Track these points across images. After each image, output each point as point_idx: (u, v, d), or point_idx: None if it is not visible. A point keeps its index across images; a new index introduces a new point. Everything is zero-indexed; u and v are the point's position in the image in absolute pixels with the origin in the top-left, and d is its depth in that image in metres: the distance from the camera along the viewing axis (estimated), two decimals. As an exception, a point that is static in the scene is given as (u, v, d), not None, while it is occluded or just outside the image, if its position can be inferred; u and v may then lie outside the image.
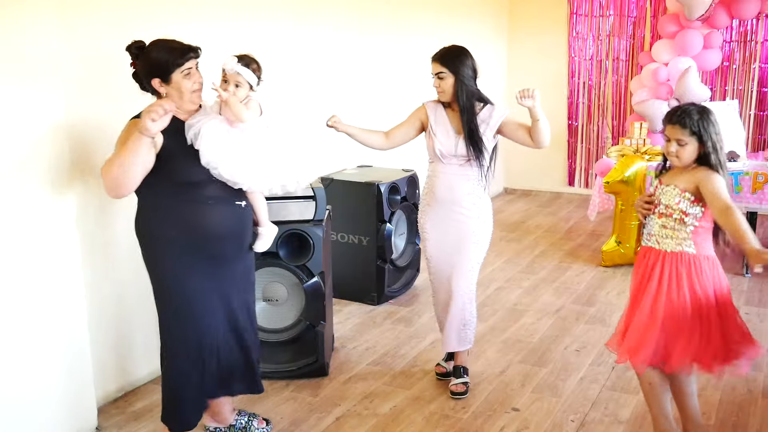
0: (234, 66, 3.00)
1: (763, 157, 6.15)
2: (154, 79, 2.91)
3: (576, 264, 6.13)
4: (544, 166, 8.88)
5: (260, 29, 4.75)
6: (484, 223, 3.78)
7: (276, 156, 3.09)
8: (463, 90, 3.61)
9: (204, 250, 3.02)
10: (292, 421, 3.61)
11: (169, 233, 2.97)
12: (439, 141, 3.69)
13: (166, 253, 3.00)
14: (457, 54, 3.65)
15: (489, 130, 3.67)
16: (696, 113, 2.89)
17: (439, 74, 3.63)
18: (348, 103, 5.85)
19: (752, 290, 5.45)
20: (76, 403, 3.41)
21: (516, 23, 8.82)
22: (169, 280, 3.03)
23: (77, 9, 3.43)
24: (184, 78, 2.92)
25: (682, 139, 2.89)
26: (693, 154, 2.91)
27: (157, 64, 2.89)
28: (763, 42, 7.65)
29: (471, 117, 3.63)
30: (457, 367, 3.96)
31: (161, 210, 2.98)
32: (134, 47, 2.94)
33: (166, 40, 2.94)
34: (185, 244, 2.98)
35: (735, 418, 3.63)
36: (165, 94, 2.93)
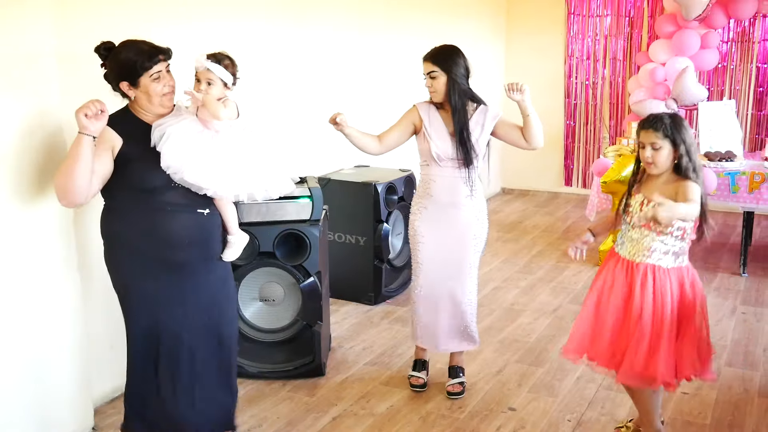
0: (204, 63, 2.92)
1: (760, 156, 6.16)
2: (122, 82, 2.85)
3: (573, 264, 6.13)
4: (542, 166, 8.88)
5: (258, 29, 4.75)
6: (482, 224, 3.77)
7: (252, 161, 2.98)
8: (456, 89, 3.57)
9: (164, 259, 2.94)
10: (289, 421, 3.61)
11: (128, 238, 2.91)
12: (436, 144, 3.62)
13: (125, 257, 2.94)
14: (450, 53, 3.61)
15: (484, 133, 3.65)
16: (668, 118, 2.97)
17: (431, 73, 3.58)
18: (346, 102, 5.85)
19: (749, 290, 5.46)
20: (73, 403, 3.40)
21: (513, 23, 8.83)
22: (127, 284, 2.96)
23: (73, 9, 3.42)
24: (152, 81, 2.84)
25: (656, 142, 2.94)
26: (668, 159, 2.96)
27: (125, 67, 2.82)
28: (760, 42, 7.66)
29: (463, 117, 3.59)
30: (453, 367, 3.95)
31: (120, 213, 2.92)
32: (102, 48, 2.86)
33: (136, 41, 2.86)
34: (144, 250, 2.91)
35: (731, 417, 3.63)
36: (134, 97, 2.87)
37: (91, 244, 3.59)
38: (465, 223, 3.71)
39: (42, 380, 3.23)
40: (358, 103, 6.01)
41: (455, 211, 3.69)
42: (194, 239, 2.99)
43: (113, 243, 2.97)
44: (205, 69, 2.92)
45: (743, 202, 5.64)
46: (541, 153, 8.78)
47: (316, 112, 5.49)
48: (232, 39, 4.44)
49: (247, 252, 3.87)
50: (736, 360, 4.26)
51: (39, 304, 3.18)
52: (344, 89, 5.83)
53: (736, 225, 7.15)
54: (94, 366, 3.59)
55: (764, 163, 5.80)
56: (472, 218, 3.72)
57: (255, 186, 2.98)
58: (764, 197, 5.56)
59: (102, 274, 3.64)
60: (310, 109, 5.42)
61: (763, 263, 6.09)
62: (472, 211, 3.71)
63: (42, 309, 3.20)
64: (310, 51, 5.37)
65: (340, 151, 5.69)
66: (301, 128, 5.34)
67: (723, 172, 5.64)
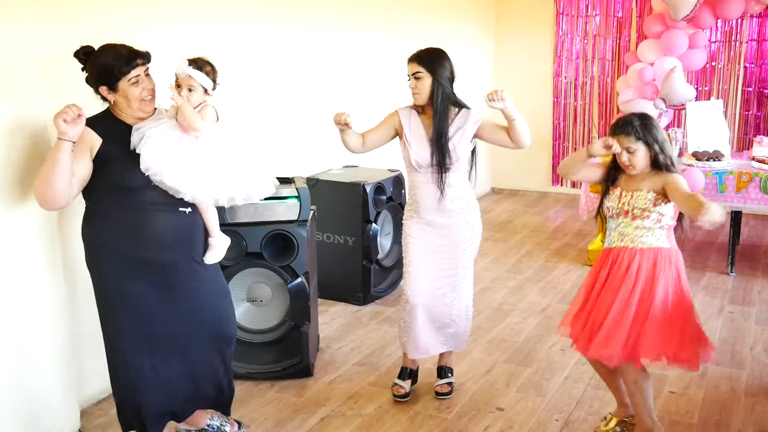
0: (185, 69, 2.92)
1: (747, 156, 6.18)
2: (101, 87, 2.84)
3: (562, 263, 6.15)
4: (531, 166, 8.90)
5: (245, 30, 4.74)
6: (473, 228, 3.69)
7: (232, 165, 2.99)
8: (440, 92, 3.50)
9: (147, 259, 2.92)
10: (276, 422, 3.60)
11: (110, 239, 2.90)
12: (415, 152, 3.56)
13: (107, 259, 2.93)
14: (436, 55, 3.56)
15: (465, 138, 3.56)
16: (637, 120, 3.10)
17: (416, 74, 3.51)
18: (334, 103, 5.84)
19: (737, 289, 5.48)
20: (59, 405, 3.38)
21: (503, 23, 8.83)
22: (111, 287, 2.95)
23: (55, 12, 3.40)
24: (131, 86, 2.84)
25: (630, 146, 3.07)
26: (645, 159, 3.09)
27: (104, 72, 2.81)
28: (747, 42, 7.69)
29: (443, 122, 3.51)
30: (442, 367, 3.94)
31: (102, 215, 2.91)
32: (82, 53, 2.86)
33: (114, 45, 2.85)
34: (127, 251, 2.90)
35: (718, 416, 3.65)
36: (113, 101, 2.87)
37: (76, 246, 3.56)
38: (455, 228, 3.64)
39: (27, 382, 3.21)
40: (346, 103, 6.00)
41: (443, 217, 3.62)
42: (178, 238, 2.98)
43: (95, 245, 2.95)
44: (186, 75, 2.93)
45: (731, 201, 5.66)
46: (530, 153, 8.80)
47: (304, 112, 5.49)
48: (219, 40, 4.43)
49: (234, 252, 3.88)
50: (723, 359, 4.27)
51: (24, 306, 3.16)
52: (333, 90, 5.83)
53: (723, 224, 7.17)
54: (80, 368, 3.57)
55: (751, 162, 5.82)
56: (462, 222, 3.65)
57: (235, 190, 2.99)
58: (751, 197, 5.58)
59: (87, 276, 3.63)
60: (298, 110, 5.41)
61: (750, 262, 6.12)
62: (461, 216, 3.64)
63: (27, 311, 3.18)
64: (299, 52, 5.36)
65: (328, 151, 5.69)
66: (290, 129, 5.33)
67: (710, 172, 5.65)
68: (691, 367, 3.14)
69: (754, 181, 5.55)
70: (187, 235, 3.02)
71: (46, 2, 3.32)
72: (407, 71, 3.56)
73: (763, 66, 7.69)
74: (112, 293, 2.96)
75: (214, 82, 3.01)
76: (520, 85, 8.75)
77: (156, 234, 2.92)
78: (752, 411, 3.69)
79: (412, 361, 3.89)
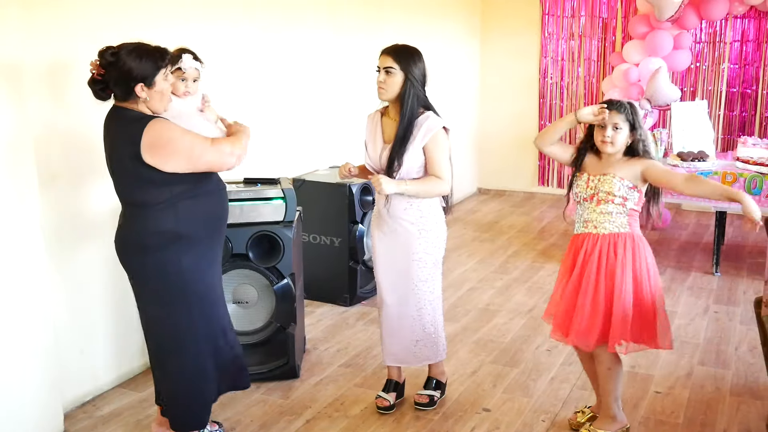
0: (192, 63, 3.17)
1: (731, 156, 6.21)
2: (137, 85, 2.85)
3: (549, 264, 6.15)
4: (518, 167, 8.92)
5: (235, 31, 4.72)
6: (426, 239, 3.46)
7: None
8: (411, 93, 3.31)
9: (221, 243, 3.18)
10: (262, 424, 3.58)
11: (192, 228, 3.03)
12: (368, 155, 3.47)
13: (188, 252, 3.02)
14: (412, 53, 3.37)
15: (417, 142, 3.32)
16: (628, 104, 3.20)
17: (388, 69, 3.31)
18: (321, 104, 5.83)
19: (721, 289, 5.51)
20: (43, 408, 3.36)
21: (488, 24, 8.84)
22: (188, 279, 3.04)
23: (41, 11, 3.38)
24: (163, 80, 2.93)
25: (618, 123, 3.15)
26: (624, 141, 3.18)
27: (140, 68, 2.85)
28: (731, 43, 7.74)
29: (409, 125, 3.31)
30: (430, 378, 3.80)
31: (177, 207, 2.98)
32: (109, 53, 2.85)
33: (141, 44, 2.90)
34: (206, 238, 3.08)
35: (703, 416, 3.66)
36: (146, 98, 2.90)
37: (62, 247, 3.55)
38: (405, 237, 3.45)
39: (11, 384, 3.19)
40: (333, 103, 5.99)
41: (395, 224, 3.45)
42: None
43: (171, 240, 2.98)
44: (193, 69, 3.17)
45: (715, 202, 5.69)
46: (516, 154, 8.87)
47: (290, 113, 5.47)
48: (206, 41, 4.40)
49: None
50: (708, 359, 4.29)
51: (7, 308, 3.14)
52: (319, 90, 5.81)
53: (708, 225, 7.22)
54: (64, 370, 3.54)
55: (736, 163, 5.86)
56: (414, 231, 3.44)
57: None
58: (736, 197, 5.60)
59: (72, 278, 3.60)
60: (284, 111, 5.39)
61: (735, 262, 6.15)
62: (414, 225, 3.43)
63: (11, 313, 3.15)
64: (286, 52, 5.34)
65: (314, 152, 5.68)
66: (276, 129, 5.31)
67: (695, 172, 5.67)
68: (650, 346, 3.24)
69: (738, 182, 5.58)
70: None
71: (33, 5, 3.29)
72: (378, 63, 3.38)
73: (746, 67, 7.74)
74: (192, 286, 3.04)
75: None
76: (505, 86, 8.79)
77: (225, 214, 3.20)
78: (737, 411, 3.71)
79: (396, 374, 3.77)
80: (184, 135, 2.89)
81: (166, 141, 2.84)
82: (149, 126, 2.83)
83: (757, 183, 5.52)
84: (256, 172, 4.57)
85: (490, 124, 8.95)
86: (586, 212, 3.26)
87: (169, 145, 2.84)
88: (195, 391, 3.14)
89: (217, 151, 2.95)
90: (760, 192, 5.52)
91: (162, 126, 2.86)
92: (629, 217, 3.21)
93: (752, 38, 7.67)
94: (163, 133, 2.85)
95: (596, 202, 3.21)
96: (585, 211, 3.27)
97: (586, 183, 3.25)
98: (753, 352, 4.35)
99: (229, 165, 3.02)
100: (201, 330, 3.09)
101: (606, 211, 3.19)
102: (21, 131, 3.14)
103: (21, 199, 3.16)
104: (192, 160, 2.90)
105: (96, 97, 2.92)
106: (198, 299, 3.05)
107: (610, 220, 3.20)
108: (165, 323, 3.06)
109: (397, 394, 3.76)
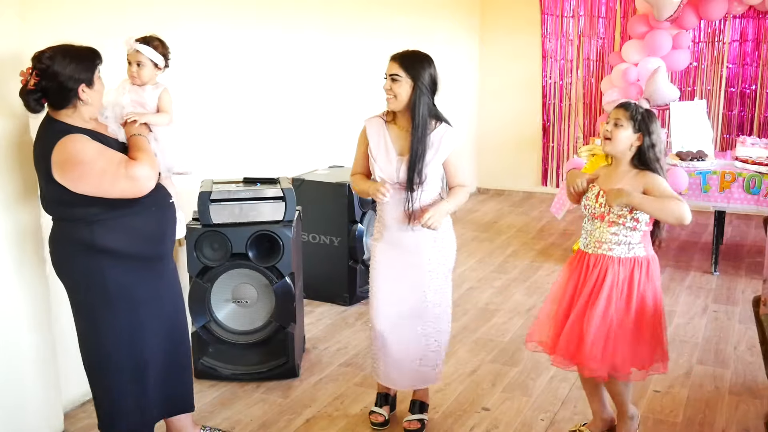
0: (132, 44, 2.97)
1: (730, 156, 6.22)
2: (79, 86, 2.68)
3: (547, 263, 6.16)
4: (517, 166, 8.92)
5: (230, 31, 4.72)
6: (441, 248, 3.36)
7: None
8: (422, 102, 3.15)
9: (153, 256, 2.97)
10: (262, 424, 3.59)
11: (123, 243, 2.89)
12: (380, 167, 3.26)
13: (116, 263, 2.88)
14: (421, 59, 3.20)
15: (437, 157, 3.22)
16: (642, 108, 3.03)
17: (395, 76, 3.15)
18: (320, 104, 5.84)
19: (720, 288, 5.52)
20: (43, 407, 3.36)
21: (488, 24, 8.84)
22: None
23: (42, 10, 3.38)
24: (98, 79, 2.78)
25: (620, 119, 2.99)
26: (625, 141, 3.00)
27: (82, 68, 2.69)
28: (730, 43, 7.74)
29: (423, 138, 3.16)
30: (415, 401, 3.60)
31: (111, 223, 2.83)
32: (46, 57, 2.64)
33: (70, 45, 2.72)
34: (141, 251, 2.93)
35: (702, 415, 3.67)
36: (87, 100, 2.72)
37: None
38: (421, 248, 3.32)
39: (10, 384, 3.19)
40: (333, 103, 5.99)
41: (407, 236, 3.30)
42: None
43: (91, 254, 2.83)
44: (134, 51, 2.99)
45: (714, 201, 5.70)
46: (516, 153, 8.87)
47: (289, 113, 5.48)
48: (206, 41, 4.41)
49: (219, 253, 3.87)
50: (707, 358, 4.30)
51: (6, 307, 3.14)
52: (318, 90, 5.82)
53: (707, 224, 7.23)
54: (63, 370, 3.54)
55: (735, 162, 5.87)
56: (429, 240, 3.31)
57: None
58: (735, 196, 5.62)
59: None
60: (283, 111, 5.40)
61: (734, 262, 6.16)
62: (428, 235, 3.29)
63: (10, 312, 3.15)
64: (284, 52, 5.35)
65: (313, 151, 5.68)
66: (275, 129, 5.32)
67: (694, 172, 5.69)
68: (652, 371, 3.13)
69: (737, 181, 5.59)
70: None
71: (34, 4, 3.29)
72: (386, 70, 3.22)
73: (745, 66, 7.75)
74: (118, 299, 2.91)
75: (164, 57, 3.07)
76: (504, 85, 8.79)
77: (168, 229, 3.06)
78: (736, 409, 3.72)
79: (386, 387, 3.63)
80: (98, 159, 2.65)
81: (76, 163, 2.63)
82: (60, 144, 2.63)
83: (756, 182, 5.53)
84: (256, 171, 4.58)
85: (489, 123, 8.95)
86: (597, 231, 3.07)
87: (78, 168, 2.63)
88: (113, 418, 2.96)
89: (131, 179, 2.68)
90: (759, 191, 5.54)
91: (75, 145, 2.64)
92: (642, 237, 3.04)
93: (751, 38, 7.67)
94: (74, 155, 2.63)
95: (608, 223, 3.03)
96: (596, 230, 3.08)
97: (596, 197, 3.07)
98: (752, 351, 4.36)
99: (147, 190, 2.75)
100: (118, 348, 2.88)
101: (618, 232, 3.02)
102: (21, 130, 3.14)
103: (22, 197, 3.16)
104: (102, 187, 2.67)
105: (30, 109, 2.72)
106: (119, 315, 2.85)
107: (624, 242, 3.03)
108: (88, 336, 2.90)
109: (390, 407, 3.64)
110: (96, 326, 2.88)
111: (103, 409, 2.98)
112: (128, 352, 2.90)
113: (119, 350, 2.89)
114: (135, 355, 2.92)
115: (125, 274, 2.84)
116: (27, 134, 3.14)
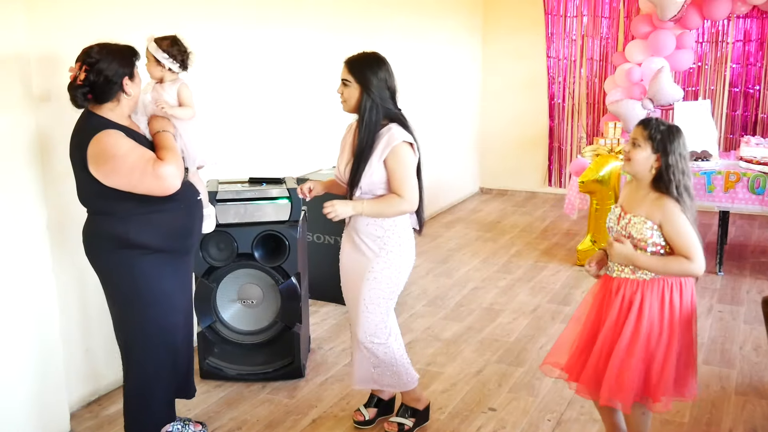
0: (147, 42, 3.11)
1: (734, 156, 6.21)
2: (123, 79, 2.83)
3: (552, 263, 6.16)
4: (520, 166, 8.92)
5: (234, 31, 4.72)
6: (386, 261, 3.19)
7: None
8: (368, 105, 3.10)
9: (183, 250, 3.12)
10: (268, 424, 3.59)
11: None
12: (337, 166, 3.32)
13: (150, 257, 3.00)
14: (370, 63, 3.15)
15: (376, 157, 3.10)
16: (664, 125, 2.82)
17: (345, 81, 3.14)
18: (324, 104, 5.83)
19: (725, 288, 5.51)
20: (48, 407, 3.36)
21: (490, 24, 8.84)
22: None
23: (47, 8, 3.38)
24: (137, 73, 2.93)
25: (637, 138, 2.82)
26: (644, 162, 2.81)
27: (125, 62, 2.84)
28: (734, 43, 7.74)
29: (367, 138, 3.10)
30: (402, 404, 3.54)
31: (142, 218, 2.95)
32: (95, 52, 2.79)
33: (108, 42, 2.86)
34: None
35: (708, 415, 3.66)
36: (131, 93, 2.87)
37: (66, 248, 3.55)
38: (364, 253, 3.23)
39: (17, 384, 3.19)
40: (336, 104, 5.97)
41: (356, 239, 3.24)
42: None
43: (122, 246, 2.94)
44: (150, 53, 3.11)
45: (719, 201, 5.69)
46: (519, 154, 8.86)
47: (294, 113, 5.47)
48: (209, 40, 4.41)
49: (225, 254, 3.87)
50: (713, 358, 4.30)
51: (13, 307, 3.14)
52: (322, 90, 5.81)
53: (711, 224, 7.22)
54: (69, 370, 3.54)
55: (739, 162, 5.86)
56: (375, 248, 3.19)
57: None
58: (739, 196, 5.61)
59: (77, 277, 3.60)
60: (288, 111, 5.40)
61: (738, 262, 6.15)
62: (375, 243, 3.19)
63: (16, 313, 3.16)
64: (288, 52, 5.34)
65: (318, 151, 5.68)
66: (280, 129, 5.31)
67: (699, 172, 5.68)
68: (685, 398, 2.97)
69: (741, 181, 5.59)
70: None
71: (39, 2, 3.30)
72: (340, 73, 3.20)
73: (749, 66, 7.74)
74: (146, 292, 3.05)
75: (183, 63, 3.14)
76: (507, 86, 8.79)
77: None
78: (743, 410, 3.71)
79: (378, 389, 3.55)
80: (130, 154, 2.76)
81: (109, 156, 2.75)
82: (96, 137, 2.75)
83: (761, 182, 5.52)
84: (261, 171, 4.58)
85: (491, 123, 8.94)
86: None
87: (110, 162, 2.75)
88: (145, 396, 3.12)
89: (158, 178, 2.77)
90: (764, 191, 5.53)
91: (109, 139, 2.76)
92: (667, 255, 2.83)
93: (755, 38, 7.66)
94: (108, 149, 2.75)
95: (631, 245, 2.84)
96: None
97: (618, 218, 2.93)
98: (757, 351, 4.36)
99: (173, 190, 2.84)
100: (152, 334, 3.04)
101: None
102: (27, 129, 3.14)
103: (27, 197, 3.16)
104: (131, 182, 2.78)
105: (76, 104, 2.83)
106: (150, 305, 2.99)
107: None
108: (123, 323, 3.05)
109: (379, 410, 3.58)
110: (131, 315, 3.02)
111: (130, 392, 3.14)
112: (156, 340, 3.07)
113: (146, 338, 3.05)
114: (167, 342, 3.11)
115: (154, 267, 2.97)
116: (32, 132, 3.15)
